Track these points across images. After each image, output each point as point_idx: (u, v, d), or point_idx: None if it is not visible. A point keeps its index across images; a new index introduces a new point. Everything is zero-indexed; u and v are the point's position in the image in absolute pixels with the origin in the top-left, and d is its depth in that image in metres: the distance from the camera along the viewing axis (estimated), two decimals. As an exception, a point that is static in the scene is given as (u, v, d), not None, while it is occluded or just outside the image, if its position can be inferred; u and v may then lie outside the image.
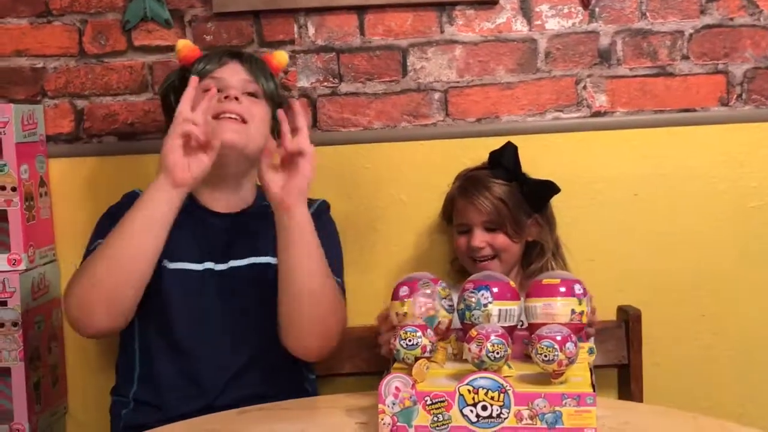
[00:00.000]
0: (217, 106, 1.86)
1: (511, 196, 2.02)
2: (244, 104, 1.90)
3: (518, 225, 2.02)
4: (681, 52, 2.24)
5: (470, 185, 2.05)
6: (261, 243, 1.93)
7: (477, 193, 2.02)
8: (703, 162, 2.25)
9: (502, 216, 2.01)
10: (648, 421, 1.62)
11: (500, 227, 2.02)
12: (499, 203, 2.01)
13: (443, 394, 1.50)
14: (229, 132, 1.85)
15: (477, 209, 2.02)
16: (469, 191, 2.04)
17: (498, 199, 2.01)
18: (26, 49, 2.26)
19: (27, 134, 2.15)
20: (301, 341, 1.83)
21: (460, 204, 2.07)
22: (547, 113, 2.26)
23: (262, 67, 2.00)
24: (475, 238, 2.03)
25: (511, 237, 2.02)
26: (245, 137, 1.88)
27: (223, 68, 1.95)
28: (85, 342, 2.28)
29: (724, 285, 2.26)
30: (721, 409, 2.22)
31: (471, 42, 2.24)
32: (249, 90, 1.94)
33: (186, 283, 1.89)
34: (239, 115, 1.88)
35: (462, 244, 2.06)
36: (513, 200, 2.02)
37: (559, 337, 1.50)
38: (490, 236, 2.03)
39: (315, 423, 1.65)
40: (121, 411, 1.94)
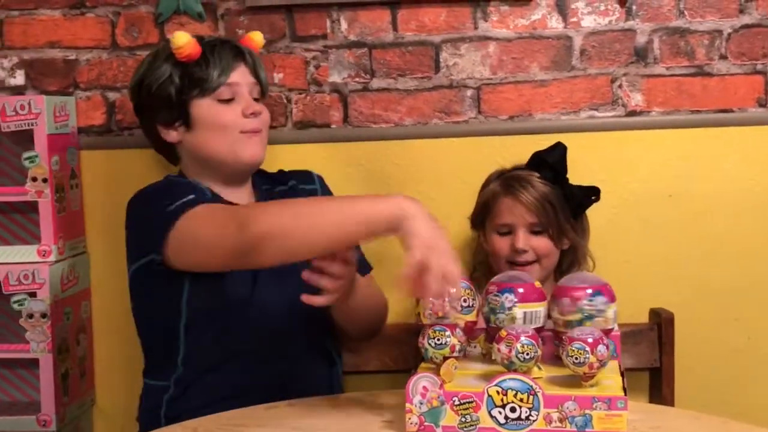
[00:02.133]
0: (241, 122, 1.93)
1: (556, 197, 1.97)
2: (261, 114, 1.96)
3: (561, 229, 1.98)
4: (719, 52, 2.20)
5: (515, 182, 1.99)
6: None
7: (524, 191, 1.97)
8: (739, 164, 2.21)
9: (548, 217, 1.95)
10: (679, 425, 1.60)
11: (545, 229, 1.97)
12: (546, 203, 1.96)
13: (471, 395, 1.48)
14: (256, 149, 1.95)
15: (524, 208, 1.96)
16: (515, 188, 1.98)
17: (545, 199, 1.96)
18: (59, 41, 2.26)
19: (59, 126, 2.16)
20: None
21: (502, 203, 2.00)
22: (581, 112, 2.23)
23: (258, 60, 2.02)
24: (519, 239, 1.96)
25: (555, 241, 1.97)
26: (264, 147, 1.97)
27: (233, 74, 1.95)
28: (113, 335, 2.29)
29: (758, 288, 2.23)
30: (752, 414, 2.18)
31: (505, 38, 2.22)
32: (255, 94, 1.98)
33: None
34: (259, 129, 1.96)
35: (503, 247, 1.99)
36: (558, 202, 1.97)
37: (590, 339, 1.48)
38: (534, 239, 1.97)
39: (341, 420, 1.64)
40: (163, 396, 1.92)
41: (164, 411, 1.91)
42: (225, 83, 1.94)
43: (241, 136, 1.93)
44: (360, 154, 2.18)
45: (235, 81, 1.95)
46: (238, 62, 1.96)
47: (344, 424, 1.62)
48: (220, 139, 1.93)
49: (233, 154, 1.93)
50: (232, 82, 1.94)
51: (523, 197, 1.97)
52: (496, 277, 1.67)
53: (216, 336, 1.89)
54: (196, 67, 1.93)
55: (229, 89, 1.94)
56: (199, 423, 1.64)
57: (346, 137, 2.23)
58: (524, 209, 1.97)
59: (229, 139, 1.92)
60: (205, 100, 1.93)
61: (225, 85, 1.94)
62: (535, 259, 1.98)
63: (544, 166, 2.00)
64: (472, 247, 2.17)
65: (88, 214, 2.28)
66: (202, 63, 1.94)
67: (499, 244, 2.01)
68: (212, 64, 1.94)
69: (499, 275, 1.70)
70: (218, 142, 1.93)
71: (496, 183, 2.05)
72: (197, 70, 1.93)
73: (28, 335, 2.11)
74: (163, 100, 1.95)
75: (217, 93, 1.93)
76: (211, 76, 1.93)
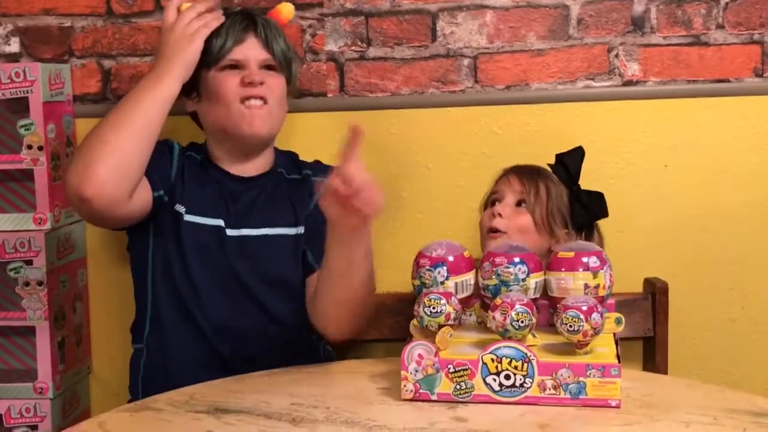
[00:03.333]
0: (241, 91, 1.91)
1: (560, 194, 1.94)
2: (266, 83, 1.93)
3: (551, 218, 1.92)
4: (716, 21, 2.20)
5: (525, 167, 1.98)
6: (275, 213, 1.96)
7: (527, 171, 1.96)
8: (735, 134, 2.21)
9: (537, 198, 1.91)
10: (673, 393, 1.61)
11: (531, 208, 1.91)
12: (543, 188, 1.92)
13: (466, 362, 1.49)
14: (256, 121, 1.91)
15: (517, 179, 1.94)
16: (521, 169, 1.97)
17: (544, 185, 1.93)
18: (54, 8, 2.25)
19: (54, 93, 2.15)
20: (329, 328, 1.86)
21: (502, 179, 1.98)
22: (578, 81, 2.23)
23: (274, 31, 1.99)
24: (499, 205, 1.92)
25: (536, 223, 1.91)
26: (269, 123, 1.94)
27: (241, 46, 1.94)
28: (109, 303, 2.29)
29: (753, 258, 2.23)
30: (746, 382, 2.20)
31: (502, 7, 2.21)
32: (266, 64, 1.96)
33: (201, 237, 1.91)
34: (262, 97, 1.92)
35: (485, 216, 1.95)
36: (559, 197, 1.93)
37: (584, 307, 1.49)
38: (515, 210, 1.92)
39: (338, 387, 1.65)
40: (140, 361, 1.96)
41: (141, 376, 1.95)
42: (228, 55, 1.93)
43: (241, 108, 1.91)
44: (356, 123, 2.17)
45: (242, 56, 1.93)
46: (247, 34, 1.95)
47: (341, 391, 1.63)
48: (223, 109, 1.93)
49: (234, 125, 1.92)
50: (238, 57, 1.93)
51: (523, 172, 1.96)
52: (494, 248, 1.66)
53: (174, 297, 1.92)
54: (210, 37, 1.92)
55: (233, 60, 1.93)
56: (196, 389, 1.65)
57: (343, 106, 2.22)
58: (517, 180, 1.95)
59: (231, 110, 1.91)
60: (211, 71, 1.93)
61: (228, 57, 1.93)
62: (506, 232, 1.89)
63: (560, 165, 1.98)
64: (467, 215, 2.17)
65: (84, 182, 2.27)
66: (212, 34, 1.93)
67: (484, 215, 1.96)
68: (219, 35, 1.93)
69: (497, 245, 1.69)
70: (220, 113, 1.93)
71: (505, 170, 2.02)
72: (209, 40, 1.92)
73: (24, 303, 2.11)
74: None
75: (220, 64, 1.93)
76: (215, 46, 1.92)
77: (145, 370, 1.95)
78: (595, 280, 1.59)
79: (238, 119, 1.91)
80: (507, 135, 2.22)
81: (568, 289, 1.59)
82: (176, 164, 1.96)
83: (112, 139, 1.77)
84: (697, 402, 1.55)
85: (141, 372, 1.96)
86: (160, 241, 1.92)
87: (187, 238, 1.91)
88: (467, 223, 2.21)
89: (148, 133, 1.81)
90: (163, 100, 1.83)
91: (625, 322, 1.64)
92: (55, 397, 2.14)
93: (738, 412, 1.49)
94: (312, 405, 1.54)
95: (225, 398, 1.59)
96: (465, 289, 1.63)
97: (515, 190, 1.94)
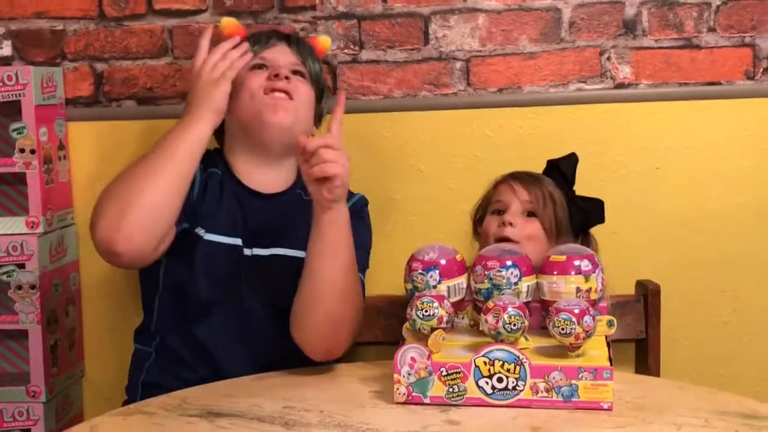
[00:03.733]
0: (266, 83, 1.90)
1: (561, 199, 1.92)
2: (293, 82, 1.91)
3: (557, 224, 1.89)
4: (707, 24, 2.20)
5: (522, 173, 1.95)
6: (288, 233, 1.91)
7: (529, 178, 1.93)
8: (727, 136, 2.22)
9: (546, 206, 1.88)
10: (664, 395, 1.62)
11: (539, 216, 1.88)
12: (548, 195, 1.90)
13: (459, 366, 1.50)
14: (280, 111, 1.88)
15: (522, 187, 1.90)
16: (520, 175, 1.94)
17: (548, 192, 1.91)
18: (46, 11, 2.25)
19: (46, 97, 2.15)
20: (310, 338, 1.77)
21: (504, 185, 1.94)
22: (570, 84, 2.23)
23: (309, 49, 2.01)
24: (509, 213, 1.87)
25: (546, 230, 1.88)
26: (293, 116, 1.89)
27: (271, 49, 1.95)
28: (102, 306, 2.29)
29: (745, 261, 2.24)
30: (738, 385, 2.20)
31: (494, 10, 2.22)
32: (296, 69, 1.95)
33: (216, 256, 1.87)
34: (287, 93, 1.89)
35: (492, 225, 1.90)
36: (561, 203, 1.91)
37: (576, 310, 1.50)
38: (524, 219, 1.88)
39: (331, 390, 1.65)
40: (144, 365, 1.94)
41: (142, 378, 1.93)
42: (258, 55, 1.93)
43: (266, 99, 1.88)
44: (349, 125, 2.16)
45: (271, 57, 1.94)
46: (279, 41, 1.96)
47: (334, 394, 1.63)
48: (248, 102, 1.90)
49: (257, 114, 1.88)
50: (267, 56, 1.94)
51: (525, 179, 1.93)
52: (486, 251, 1.67)
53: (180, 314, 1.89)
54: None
55: (261, 59, 1.93)
56: (188, 393, 1.65)
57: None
58: (522, 188, 1.90)
59: (256, 102, 1.88)
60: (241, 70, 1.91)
61: (258, 57, 1.93)
62: (519, 241, 1.86)
63: (555, 171, 1.97)
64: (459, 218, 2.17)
65: (76, 185, 2.27)
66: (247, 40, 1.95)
67: (490, 223, 1.91)
68: (251, 39, 1.95)
69: (488, 248, 1.69)
70: (245, 105, 1.90)
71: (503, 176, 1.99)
72: None
73: (16, 307, 2.11)
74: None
75: (250, 64, 1.92)
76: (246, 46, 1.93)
77: (148, 373, 1.93)
78: (587, 283, 1.60)
79: (261, 107, 1.87)
80: (499, 138, 2.23)
81: (560, 293, 1.60)
82: (198, 186, 1.90)
83: (144, 190, 1.72)
84: (688, 404, 1.55)
85: (143, 374, 1.94)
86: (174, 260, 1.87)
87: (201, 256, 1.86)
88: (460, 226, 2.21)
89: (180, 181, 1.76)
90: (194, 148, 1.79)
91: (617, 324, 1.64)
92: (48, 401, 2.13)
93: (729, 414, 1.50)
94: (305, 408, 1.54)
95: (217, 402, 1.59)
96: (457, 292, 1.63)
97: (522, 199, 1.89)
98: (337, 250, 1.72)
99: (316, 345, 1.77)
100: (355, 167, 2.08)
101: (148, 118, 2.24)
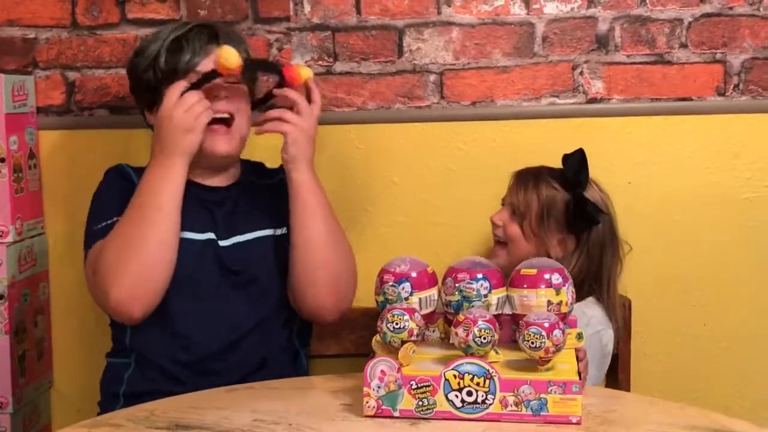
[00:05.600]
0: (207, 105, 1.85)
1: (553, 200, 1.96)
2: (232, 98, 1.89)
3: (540, 228, 1.95)
4: (679, 40, 2.22)
5: (526, 172, 2.01)
6: (253, 217, 1.94)
7: (524, 178, 1.99)
8: (697, 152, 2.24)
9: (529, 208, 1.95)
10: (634, 410, 1.62)
11: (521, 218, 1.97)
12: (534, 197, 1.96)
13: (429, 379, 1.49)
14: (219, 144, 1.88)
15: (515, 189, 1.99)
16: (521, 175, 2.01)
17: (536, 193, 1.96)
18: (18, 19, 2.23)
19: (17, 105, 2.14)
20: (318, 301, 1.87)
21: (511, 183, 2.03)
22: (542, 98, 2.24)
23: (237, 42, 1.94)
24: (497, 213, 2.01)
25: (524, 232, 1.96)
26: (234, 143, 1.91)
27: (207, 60, 1.89)
28: (71, 317, 2.27)
29: (715, 276, 2.26)
30: (708, 400, 2.21)
31: (468, 24, 2.23)
32: (231, 80, 1.92)
33: (192, 253, 1.87)
34: (229, 113, 1.89)
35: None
36: (551, 204, 1.95)
37: (546, 324, 1.49)
38: (508, 219, 1.99)
39: (300, 403, 1.64)
40: (123, 374, 1.91)
41: (123, 389, 1.90)
42: (193, 69, 1.88)
43: (207, 130, 1.85)
44: (322, 137, 2.16)
45: (206, 65, 1.88)
46: (211, 46, 1.90)
47: (303, 406, 1.62)
48: None
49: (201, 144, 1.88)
50: (202, 70, 1.88)
51: (523, 179, 1.99)
52: (458, 264, 1.67)
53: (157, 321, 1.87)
54: (173, 53, 1.89)
55: (197, 74, 1.88)
56: (156, 405, 1.63)
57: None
58: (514, 188, 2.00)
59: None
60: None
61: (194, 72, 1.88)
62: (504, 241, 1.99)
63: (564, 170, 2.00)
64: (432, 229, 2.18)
65: (47, 194, 2.26)
66: (176, 48, 1.90)
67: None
68: (183, 50, 1.89)
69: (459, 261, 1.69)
70: None
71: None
72: (173, 56, 1.89)
73: (-16, 316, 2.09)
74: (143, 83, 1.94)
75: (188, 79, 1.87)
76: (181, 61, 1.89)
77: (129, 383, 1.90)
78: (558, 296, 1.60)
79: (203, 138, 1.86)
80: (472, 150, 2.23)
81: (530, 306, 1.59)
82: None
83: (150, 254, 1.77)
84: (658, 419, 1.55)
85: (124, 385, 1.91)
86: None
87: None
88: (432, 238, 2.22)
89: (175, 228, 1.80)
90: (177, 195, 1.80)
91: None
92: (15, 412, 2.11)
93: (699, 429, 1.50)
94: (274, 421, 1.53)
95: (185, 414, 1.57)
96: (428, 304, 1.63)
97: (510, 201, 2.00)
98: (316, 210, 1.85)
99: (325, 306, 1.88)
100: (327, 179, 2.09)
101: (120, 128, 2.23)
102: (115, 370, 1.94)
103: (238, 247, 1.92)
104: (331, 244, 1.87)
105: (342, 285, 1.89)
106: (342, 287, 1.89)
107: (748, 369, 2.27)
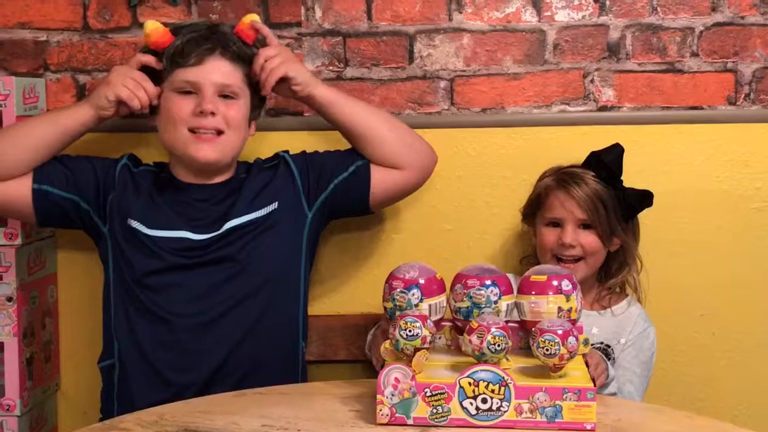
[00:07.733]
0: (193, 120, 1.90)
1: (609, 197, 1.98)
2: (220, 114, 1.90)
3: (611, 228, 1.98)
4: (690, 49, 2.22)
5: (569, 178, 2.01)
6: (236, 207, 1.96)
7: (576, 187, 1.98)
8: (708, 160, 2.23)
9: (598, 214, 1.96)
10: (642, 418, 1.62)
11: (594, 226, 1.97)
12: (598, 201, 1.97)
13: (443, 386, 1.49)
14: (205, 148, 1.91)
15: (575, 203, 1.97)
16: (568, 183, 2.00)
17: (596, 197, 1.97)
18: (30, 22, 2.23)
19: (28, 107, 2.13)
20: (397, 156, 2.02)
21: (554, 196, 2.01)
22: (553, 106, 2.24)
23: (238, 49, 1.96)
24: (567, 234, 1.97)
25: (603, 239, 1.98)
26: (220, 151, 1.92)
27: (199, 68, 1.91)
28: (79, 320, 2.27)
29: (723, 285, 2.25)
30: (715, 409, 2.21)
31: (479, 31, 2.22)
32: (226, 92, 1.93)
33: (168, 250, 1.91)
34: (215, 129, 1.91)
35: (551, 240, 2.00)
36: (610, 201, 1.98)
37: (560, 331, 1.49)
38: (582, 234, 1.98)
39: (310, 409, 1.64)
40: (113, 376, 1.93)
41: (116, 392, 1.91)
42: (183, 76, 1.91)
43: (191, 136, 1.90)
44: (332, 142, 2.17)
45: (198, 80, 1.91)
46: (209, 54, 1.92)
47: (313, 413, 1.62)
48: (173, 132, 1.92)
49: (183, 151, 1.92)
50: (193, 80, 1.91)
51: (575, 192, 1.98)
52: (466, 270, 1.67)
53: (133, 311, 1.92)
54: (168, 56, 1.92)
55: (188, 84, 1.91)
56: (165, 409, 1.63)
57: (319, 125, 2.21)
58: (575, 204, 1.98)
59: (181, 135, 1.91)
60: (168, 91, 1.93)
61: (183, 78, 1.91)
62: (582, 256, 1.99)
63: (599, 165, 2.01)
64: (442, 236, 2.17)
65: (56, 197, 2.25)
66: (172, 53, 1.92)
67: (547, 237, 2.01)
68: (181, 55, 1.91)
69: (467, 268, 1.69)
70: (171, 135, 1.93)
71: (550, 178, 2.05)
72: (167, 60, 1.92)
73: (-7, 319, 2.09)
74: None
75: (176, 85, 1.92)
76: (174, 64, 1.91)
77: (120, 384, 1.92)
78: (568, 303, 1.60)
79: (189, 147, 1.91)
80: (482, 157, 2.23)
81: (541, 313, 1.60)
82: (116, 180, 1.98)
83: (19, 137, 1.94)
84: (665, 428, 1.55)
85: (115, 387, 1.92)
86: (120, 258, 1.93)
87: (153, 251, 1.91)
88: (440, 245, 2.22)
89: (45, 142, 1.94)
90: (68, 124, 1.94)
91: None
92: (23, 415, 2.11)
93: (708, 438, 1.50)
94: (283, 427, 1.53)
95: (194, 419, 1.57)
96: (438, 311, 1.63)
97: (578, 217, 1.98)
98: (353, 108, 2.02)
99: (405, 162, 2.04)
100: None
101: (129, 131, 2.22)
102: (105, 374, 1.97)
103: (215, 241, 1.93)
104: (382, 116, 2.06)
105: (414, 146, 2.05)
106: (415, 144, 2.05)
107: (757, 378, 2.26)
